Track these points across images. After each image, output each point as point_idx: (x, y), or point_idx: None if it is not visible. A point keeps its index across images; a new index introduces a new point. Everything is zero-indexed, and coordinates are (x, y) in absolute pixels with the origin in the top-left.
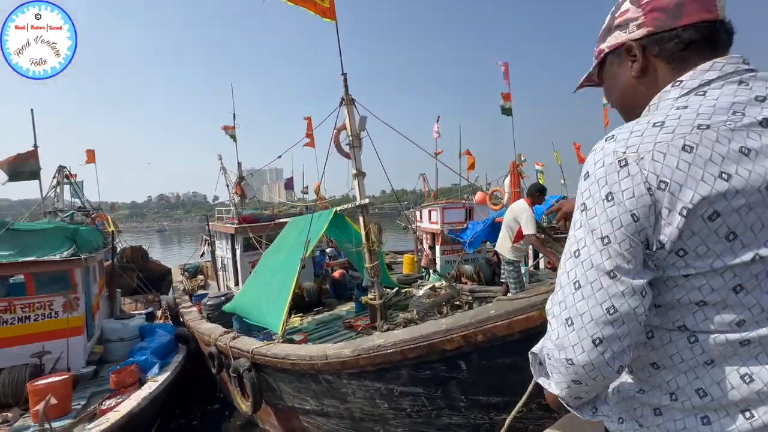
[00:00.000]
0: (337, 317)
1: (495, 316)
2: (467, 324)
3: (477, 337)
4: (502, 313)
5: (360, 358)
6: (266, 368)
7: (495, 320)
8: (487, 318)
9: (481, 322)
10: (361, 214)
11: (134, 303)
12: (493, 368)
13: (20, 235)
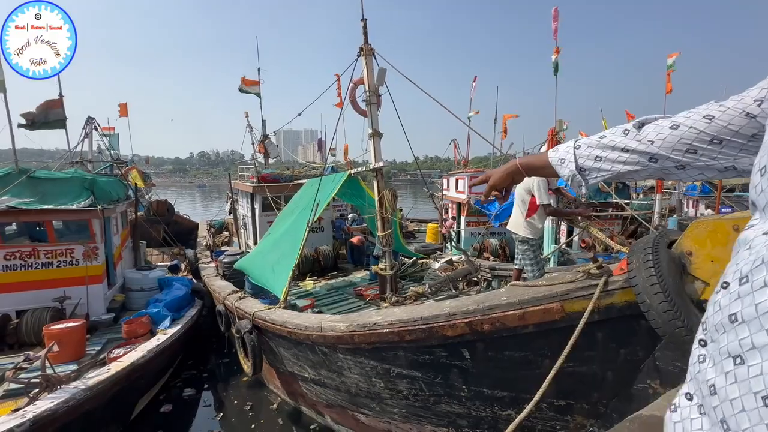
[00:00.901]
0: (350, 284)
1: (506, 304)
2: (473, 310)
3: (483, 325)
4: (514, 302)
5: (355, 334)
6: (267, 332)
7: (505, 309)
8: (496, 306)
9: (488, 309)
10: (375, 178)
11: (161, 255)
12: (501, 361)
13: (41, 183)
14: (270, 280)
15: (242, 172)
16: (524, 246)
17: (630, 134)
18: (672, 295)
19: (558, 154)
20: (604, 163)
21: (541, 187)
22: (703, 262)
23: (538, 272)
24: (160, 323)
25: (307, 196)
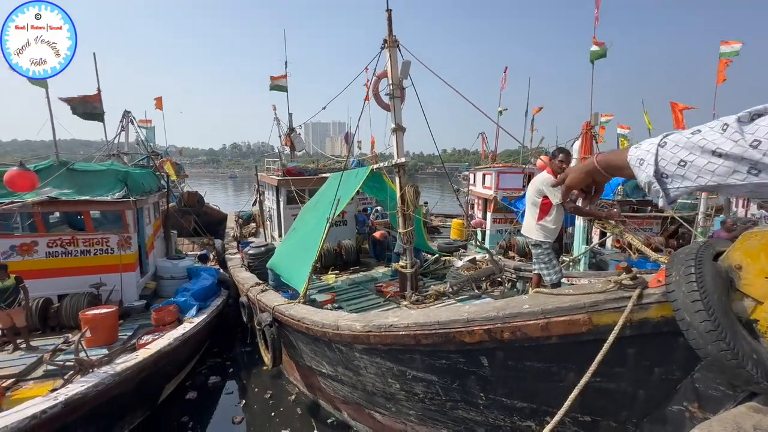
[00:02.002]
0: (371, 279)
1: (528, 312)
2: (492, 317)
3: (503, 334)
4: (537, 311)
5: (371, 335)
6: (287, 326)
7: (527, 317)
8: (518, 314)
9: (509, 317)
10: (397, 173)
11: (191, 244)
12: (522, 371)
13: (79, 175)
14: (292, 275)
15: (269, 165)
16: (537, 249)
17: (728, 131)
18: (716, 314)
19: (638, 152)
20: (689, 171)
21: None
22: (756, 278)
23: (555, 275)
24: (187, 312)
25: (330, 192)
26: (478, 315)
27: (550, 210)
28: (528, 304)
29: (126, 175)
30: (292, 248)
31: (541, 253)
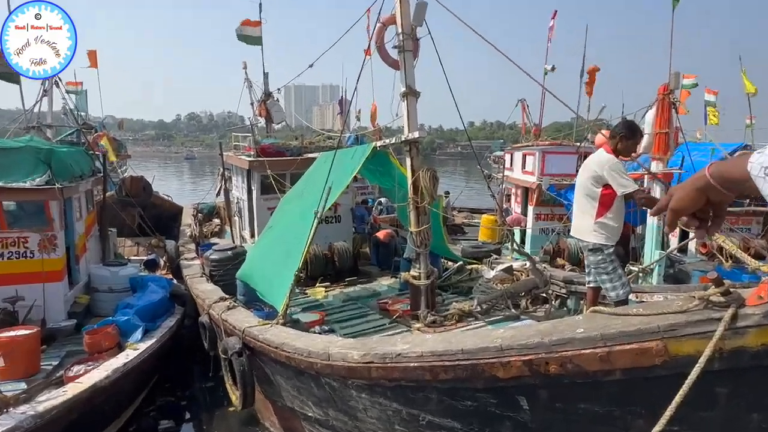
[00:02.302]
0: (372, 294)
1: (582, 338)
2: (535, 345)
3: (548, 366)
4: (595, 337)
5: (372, 366)
6: (261, 355)
7: (582, 345)
8: (569, 340)
9: (558, 344)
10: (408, 153)
11: (135, 247)
12: (574, 416)
13: None
14: (270, 287)
15: (237, 141)
16: (597, 256)
17: None
18: None
19: (763, 157)
20: None
21: (615, 169)
22: None
23: (621, 290)
24: (130, 335)
25: (319, 177)
26: (515, 341)
27: (612, 203)
28: (582, 327)
29: (49, 155)
30: (269, 252)
31: (602, 260)
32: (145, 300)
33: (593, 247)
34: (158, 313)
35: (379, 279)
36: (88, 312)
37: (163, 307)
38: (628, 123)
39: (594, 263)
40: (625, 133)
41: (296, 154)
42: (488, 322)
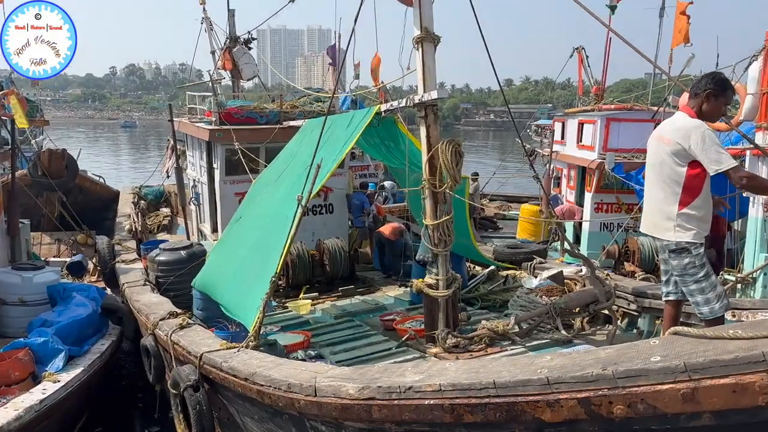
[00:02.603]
0: (375, 308)
1: (660, 369)
2: (594, 378)
3: (612, 407)
4: (677, 367)
5: (374, 405)
6: (224, 389)
7: (658, 379)
8: (642, 371)
9: (626, 377)
10: (422, 120)
11: (54, 244)
12: None
13: None
14: (237, 301)
15: (194, 103)
16: (684, 259)
17: None
18: None
19: None
20: None
21: (707, 139)
22: None
23: (717, 304)
24: (48, 362)
25: (304, 152)
26: (567, 373)
27: (702, 187)
28: (659, 354)
29: None
30: (237, 253)
31: (690, 264)
32: (69, 316)
33: (677, 247)
34: (86, 334)
35: (383, 288)
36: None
37: (93, 325)
38: (714, 75)
39: (679, 269)
40: (711, 89)
41: (273, 121)
42: (529, 348)
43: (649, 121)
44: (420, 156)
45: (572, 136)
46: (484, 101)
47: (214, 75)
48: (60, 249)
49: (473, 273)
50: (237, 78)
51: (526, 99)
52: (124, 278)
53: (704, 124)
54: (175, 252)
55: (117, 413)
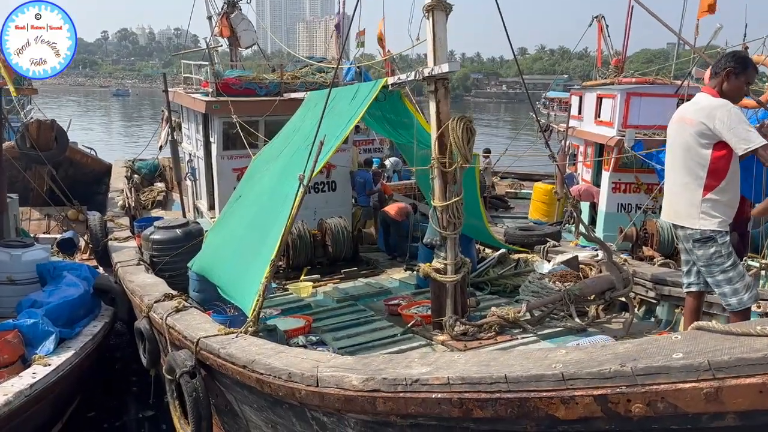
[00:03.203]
0: (379, 291)
1: (682, 366)
2: (612, 373)
3: (630, 405)
4: (701, 364)
5: (378, 397)
6: (221, 376)
7: (680, 376)
8: (662, 368)
9: (646, 374)
10: (432, 95)
11: (44, 220)
12: None
13: None
14: (236, 282)
15: (189, 72)
16: (710, 248)
17: None
18: None
19: None
20: None
21: (734, 118)
22: None
23: (745, 295)
24: (38, 345)
25: (306, 127)
26: (583, 368)
27: (728, 169)
28: (682, 350)
29: None
30: (236, 234)
31: (716, 253)
32: (60, 296)
33: (701, 236)
34: (77, 315)
35: (387, 271)
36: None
37: (85, 306)
38: (734, 54)
39: (705, 259)
40: (732, 67)
41: (273, 93)
42: (541, 336)
43: (672, 96)
44: (428, 135)
45: (590, 111)
46: (496, 71)
47: (210, 42)
48: (50, 225)
49: (483, 256)
50: (235, 46)
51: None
52: (117, 257)
53: (729, 102)
54: (171, 230)
55: (110, 397)
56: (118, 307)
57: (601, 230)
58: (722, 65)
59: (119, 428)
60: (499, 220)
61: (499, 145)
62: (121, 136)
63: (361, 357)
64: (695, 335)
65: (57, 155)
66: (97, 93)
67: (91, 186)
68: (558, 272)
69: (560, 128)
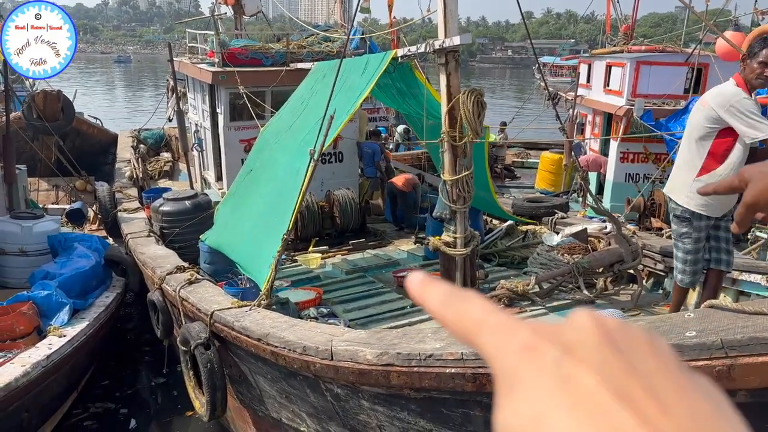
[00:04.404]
0: (387, 263)
1: (695, 345)
2: None
3: None
4: (713, 343)
5: (392, 371)
6: (236, 348)
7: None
8: (675, 346)
9: None
10: (443, 67)
11: (52, 191)
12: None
13: None
14: (249, 255)
15: (194, 41)
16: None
17: None
18: None
19: None
20: None
21: (742, 107)
22: None
23: (687, 278)
24: (53, 316)
25: (315, 101)
26: None
27: (726, 156)
28: (695, 329)
29: None
30: (250, 209)
31: (685, 234)
32: (72, 268)
33: (681, 213)
34: (90, 286)
35: (395, 242)
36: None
37: (97, 277)
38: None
39: (676, 234)
40: (747, 51)
41: (279, 62)
42: (550, 309)
43: (683, 64)
44: (438, 106)
45: (599, 80)
46: (501, 36)
47: (214, 8)
48: (58, 196)
49: (490, 227)
50: (239, 14)
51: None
52: (126, 228)
53: (741, 92)
54: (180, 202)
55: (122, 368)
56: (130, 278)
57: (609, 200)
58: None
59: (132, 398)
60: (506, 190)
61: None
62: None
63: (374, 331)
64: (708, 313)
65: (64, 126)
66: (99, 60)
67: (98, 156)
68: (566, 245)
69: (568, 96)
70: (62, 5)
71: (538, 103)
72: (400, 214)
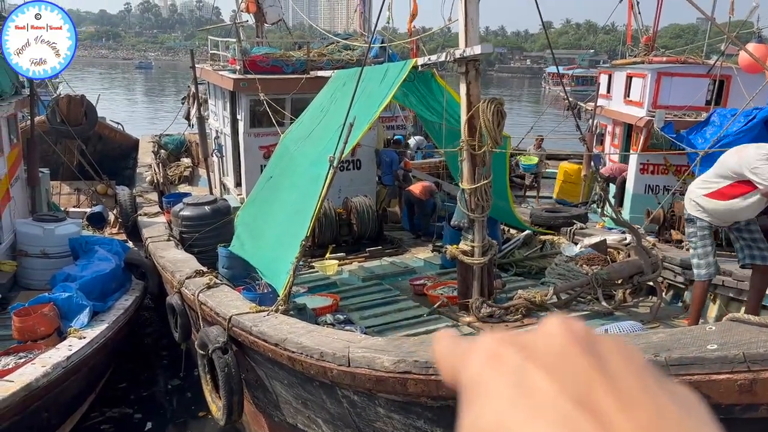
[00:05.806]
0: (404, 270)
1: (717, 358)
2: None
3: None
4: (735, 357)
5: (409, 379)
6: (253, 353)
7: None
8: (697, 359)
9: (680, 364)
10: (463, 76)
11: (74, 194)
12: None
13: None
14: (269, 261)
15: (215, 48)
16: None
17: None
18: None
19: None
20: None
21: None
22: None
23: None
24: (73, 318)
25: (336, 108)
26: None
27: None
28: (717, 342)
29: None
30: (273, 217)
31: (691, 233)
32: (92, 270)
33: (687, 217)
34: (109, 289)
35: (412, 250)
36: (14, 284)
37: (116, 280)
38: None
39: (687, 235)
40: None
41: (300, 70)
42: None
43: (704, 76)
44: (452, 106)
45: (619, 90)
46: (520, 45)
47: (236, 17)
48: (79, 199)
49: (507, 236)
50: (260, 22)
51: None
52: (147, 232)
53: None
54: (200, 207)
55: (140, 371)
56: (149, 282)
57: (628, 212)
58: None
59: (150, 401)
60: (523, 200)
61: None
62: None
63: (392, 338)
64: (730, 327)
65: (87, 130)
66: (121, 65)
67: (119, 161)
68: (585, 255)
69: (588, 107)
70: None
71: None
72: (417, 222)
